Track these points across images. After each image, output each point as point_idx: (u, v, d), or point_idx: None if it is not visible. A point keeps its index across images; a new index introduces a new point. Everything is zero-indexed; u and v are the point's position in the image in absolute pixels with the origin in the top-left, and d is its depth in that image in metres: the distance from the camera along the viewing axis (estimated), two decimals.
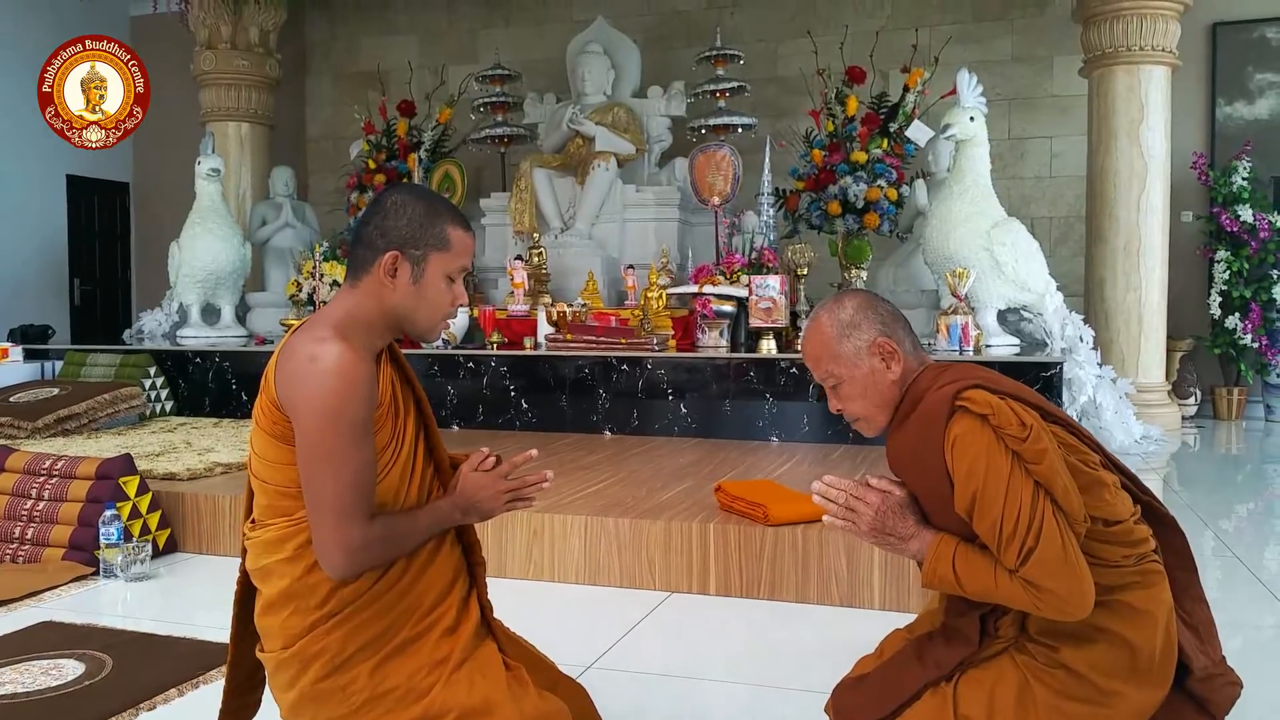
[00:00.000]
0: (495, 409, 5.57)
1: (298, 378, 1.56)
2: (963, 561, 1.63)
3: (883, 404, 1.75)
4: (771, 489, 3.37)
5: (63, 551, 3.38)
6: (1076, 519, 1.58)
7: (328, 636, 1.60)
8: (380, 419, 1.62)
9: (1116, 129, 6.77)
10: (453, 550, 1.76)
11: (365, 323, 1.65)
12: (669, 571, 3.19)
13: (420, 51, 9.65)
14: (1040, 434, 1.58)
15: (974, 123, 5.65)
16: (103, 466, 3.51)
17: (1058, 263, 7.14)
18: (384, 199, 1.68)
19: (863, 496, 1.74)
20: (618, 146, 7.24)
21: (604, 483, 3.89)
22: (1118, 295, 6.78)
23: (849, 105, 7.07)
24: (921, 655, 1.75)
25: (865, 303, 1.77)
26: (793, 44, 8.40)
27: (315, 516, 1.56)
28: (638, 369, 5.34)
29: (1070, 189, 8.05)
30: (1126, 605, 1.61)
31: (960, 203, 5.62)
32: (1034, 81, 8.16)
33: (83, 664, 2.46)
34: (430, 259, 1.65)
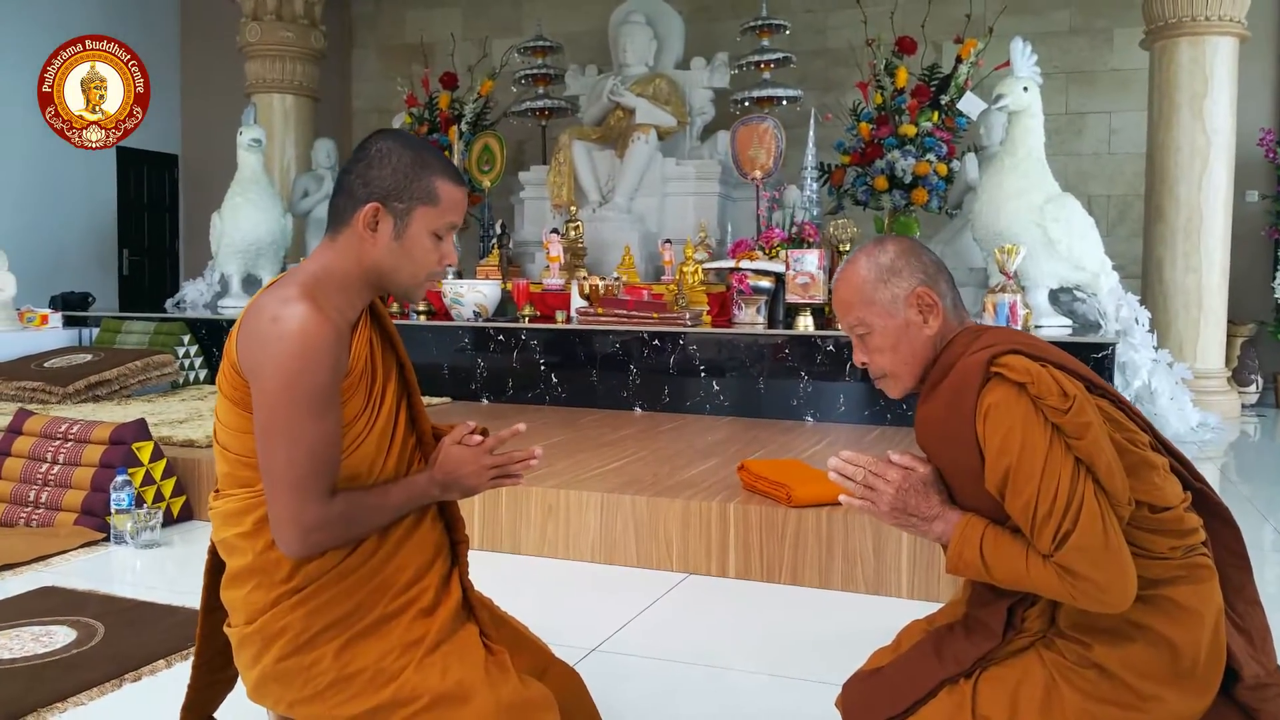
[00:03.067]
0: (525, 383, 5.47)
1: (258, 339, 1.44)
2: (991, 545, 1.47)
3: (914, 361, 1.59)
4: (797, 468, 3.21)
5: (75, 516, 3.34)
6: (1120, 501, 1.41)
7: (291, 613, 1.49)
8: (351, 387, 1.50)
9: (1179, 103, 6.45)
10: (434, 526, 1.64)
11: (341, 280, 1.53)
12: (687, 552, 3.05)
13: (464, 24, 9.54)
14: (1084, 405, 1.42)
15: (1028, 93, 5.40)
16: (117, 431, 3.46)
17: (1115, 243, 6.85)
18: (369, 145, 1.55)
19: (882, 473, 1.59)
20: (659, 119, 7.08)
21: (626, 459, 3.76)
22: (1176, 276, 6.48)
23: (899, 77, 6.83)
24: (940, 649, 1.59)
25: (909, 248, 1.61)
26: (842, 14, 8.14)
27: (269, 490, 1.44)
28: (669, 344, 5.20)
29: (1129, 166, 7.72)
30: (1171, 601, 1.44)
31: (1012, 176, 5.38)
32: (1093, 54, 7.83)
33: (75, 631, 2.39)
34: (415, 213, 1.52)
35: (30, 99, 8.50)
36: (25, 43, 8.49)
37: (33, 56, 8.31)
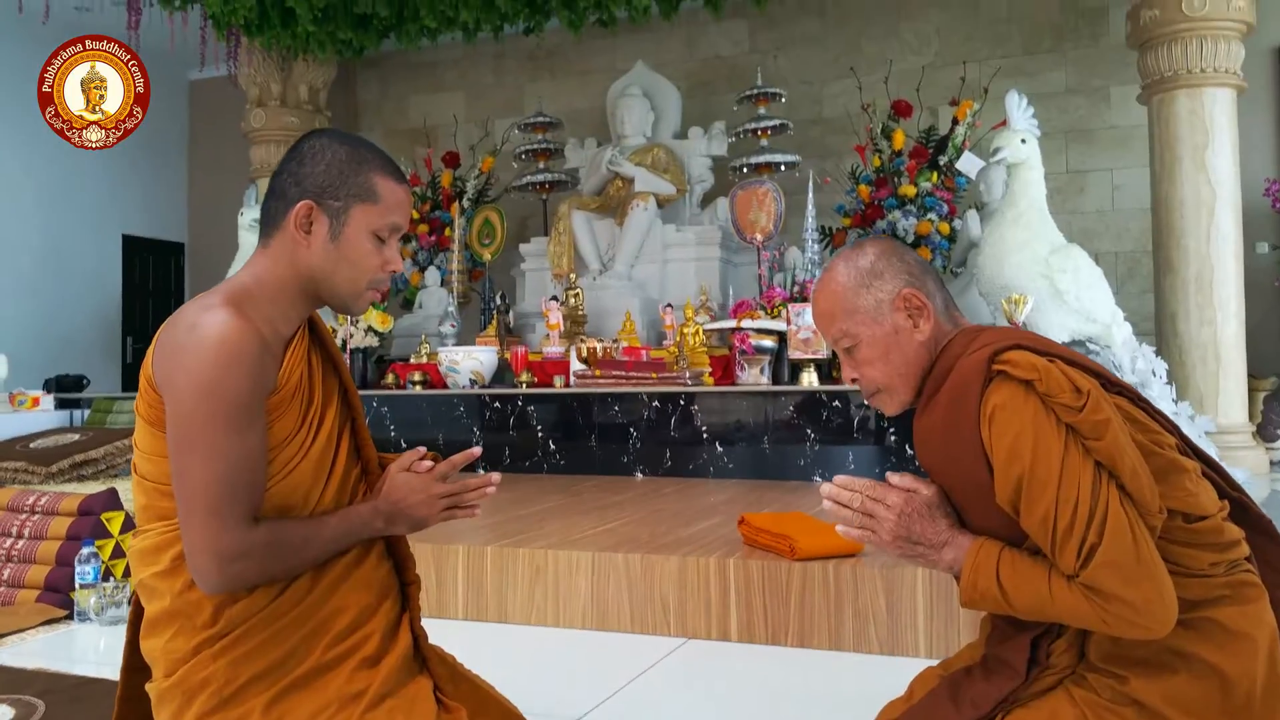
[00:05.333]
0: (522, 452, 5.29)
1: (174, 348, 1.29)
2: (1009, 569, 1.29)
3: (908, 370, 1.42)
4: (801, 520, 3.02)
5: (37, 593, 3.16)
6: (1150, 510, 1.23)
7: (214, 663, 1.31)
8: (280, 405, 1.34)
9: (1180, 154, 6.36)
10: (379, 565, 1.46)
11: (273, 289, 1.38)
12: (684, 614, 2.84)
13: (467, 106, 9.63)
14: (1100, 401, 1.25)
15: (1026, 145, 5.31)
16: (85, 502, 3.30)
17: (1126, 299, 6.70)
18: (301, 144, 1.43)
19: (882, 498, 1.42)
20: (657, 187, 7.04)
21: (622, 520, 3.57)
22: (1191, 330, 6.30)
23: (896, 139, 6.81)
24: (956, 693, 1.40)
25: (889, 249, 1.46)
26: (837, 84, 8.17)
27: (184, 514, 1.28)
28: (670, 406, 5.04)
29: (1135, 222, 7.62)
30: (1216, 624, 1.25)
31: (1014, 229, 5.26)
32: (1091, 112, 7.80)
33: (13, 709, 2.20)
34: (352, 211, 1.39)
35: (43, 185, 8.64)
36: (36, 138, 8.59)
37: (45, 148, 8.45)
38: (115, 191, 9.52)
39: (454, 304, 7.05)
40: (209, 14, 7.29)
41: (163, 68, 9.47)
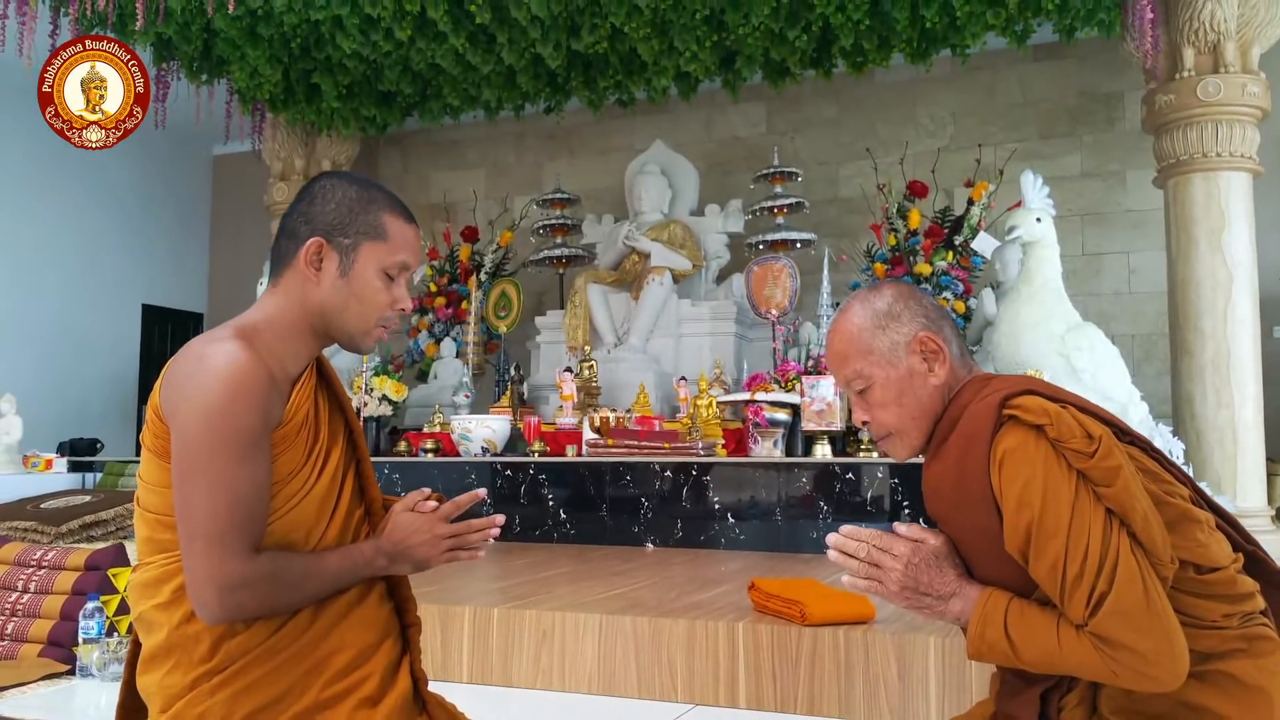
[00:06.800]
0: (533, 521, 5.26)
1: (181, 378, 1.31)
2: (1017, 620, 1.27)
3: (921, 414, 1.42)
4: (812, 587, 2.97)
5: (40, 648, 3.13)
6: (1161, 559, 1.22)
7: (210, 698, 1.29)
8: (286, 438, 1.35)
9: (1196, 237, 6.39)
10: (381, 605, 1.45)
11: (284, 326, 1.40)
12: (692, 679, 2.79)
13: (487, 183, 9.80)
14: (1112, 448, 1.24)
15: (1041, 224, 5.37)
16: (92, 557, 3.29)
17: (1142, 381, 6.66)
18: (312, 185, 1.47)
19: (888, 548, 1.40)
20: (674, 262, 7.11)
21: (632, 586, 3.53)
22: (1208, 412, 6.25)
23: (911, 218, 6.87)
24: None
25: (906, 293, 1.47)
26: (853, 165, 8.29)
27: (186, 546, 1.27)
28: (683, 476, 5.01)
29: (1151, 305, 7.63)
30: (1230, 678, 1.22)
31: (1030, 306, 5.28)
32: (1106, 196, 7.87)
33: None
34: (362, 249, 1.41)
35: (66, 254, 8.82)
36: (66, 206, 8.82)
37: (70, 218, 8.68)
38: (139, 261, 9.71)
39: (469, 375, 7.09)
40: (235, 89, 7.49)
41: (188, 142, 9.76)
